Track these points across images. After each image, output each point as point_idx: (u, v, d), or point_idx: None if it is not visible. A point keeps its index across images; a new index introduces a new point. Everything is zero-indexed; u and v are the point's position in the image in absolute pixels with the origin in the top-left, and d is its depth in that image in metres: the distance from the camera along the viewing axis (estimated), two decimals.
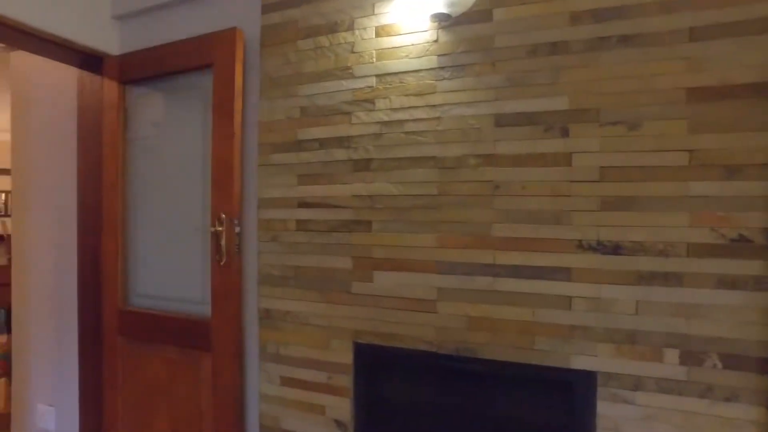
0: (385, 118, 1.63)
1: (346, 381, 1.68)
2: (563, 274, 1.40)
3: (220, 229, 1.80)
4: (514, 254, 1.46)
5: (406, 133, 1.60)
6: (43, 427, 2.42)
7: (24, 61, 2.48)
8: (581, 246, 1.38)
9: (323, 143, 1.73)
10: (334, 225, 1.71)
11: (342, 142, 1.70)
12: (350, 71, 1.68)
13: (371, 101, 1.65)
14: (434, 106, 1.56)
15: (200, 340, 1.86)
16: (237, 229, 1.80)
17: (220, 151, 1.80)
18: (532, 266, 1.44)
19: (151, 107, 2.09)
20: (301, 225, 1.77)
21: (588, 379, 1.38)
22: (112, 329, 2.09)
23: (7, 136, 5.08)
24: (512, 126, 1.46)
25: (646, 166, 1.32)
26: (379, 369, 1.67)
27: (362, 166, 1.67)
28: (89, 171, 2.15)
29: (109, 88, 2.07)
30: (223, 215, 1.79)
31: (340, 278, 1.70)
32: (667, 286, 1.30)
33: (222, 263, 1.80)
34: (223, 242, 1.80)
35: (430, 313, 1.57)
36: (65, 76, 2.30)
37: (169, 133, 2.04)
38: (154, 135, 2.08)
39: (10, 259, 2.96)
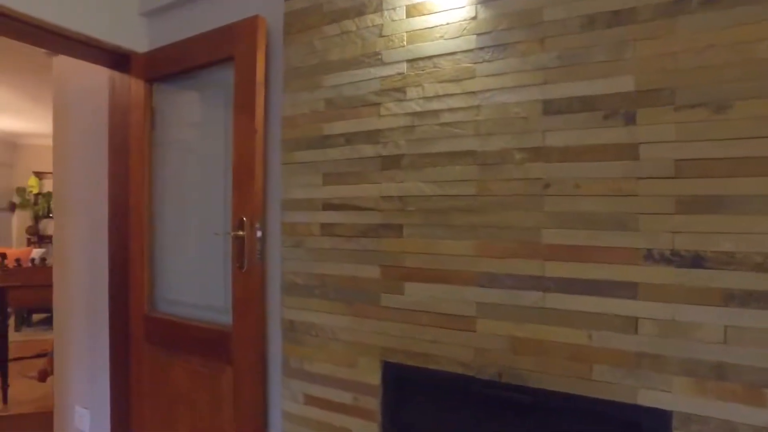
0: (418, 109, 1.44)
1: (373, 404, 1.51)
2: (628, 290, 1.16)
3: (242, 233, 1.67)
4: (567, 265, 1.23)
5: (441, 124, 1.41)
6: (79, 428, 2.41)
7: (65, 65, 2.49)
8: (651, 257, 1.13)
9: (350, 138, 1.56)
10: (362, 229, 1.54)
11: (370, 136, 1.53)
12: (379, 57, 1.51)
13: (402, 90, 1.47)
14: (473, 92, 1.36)
15: (221, 352, 1.74)
16: (259, 234, 1.67)
17: (241, 149, 1.68)
18: (589, 280, 1.20)
19: (176, 106, 2.01)
20: (327, 229, 1.61)
21: (660, 420, 1.12)
22: (138, 335, 2.02)
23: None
24: (564, 113, 1.23)
25: (738, 157, 1.05)
26: (409, 392, 1.48)
27: (392, 163, 1.49)
28: (118, 173, 2.11)
29: (136, 87, 2.01)
30: (245, 218, 1.67)
31: (367, 289, 1.53)
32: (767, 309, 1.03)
33: (243, 270, 1.68)
34: (245, 248, 1.67)
35: (468, 331, 1.36)
36: (101, 78, 2.27)
37: (195, 133, 1.95)
38: (180, 135, 2.00)
39: None
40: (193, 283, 1.95)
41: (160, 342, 1.95)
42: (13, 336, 4.41)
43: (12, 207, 6.64)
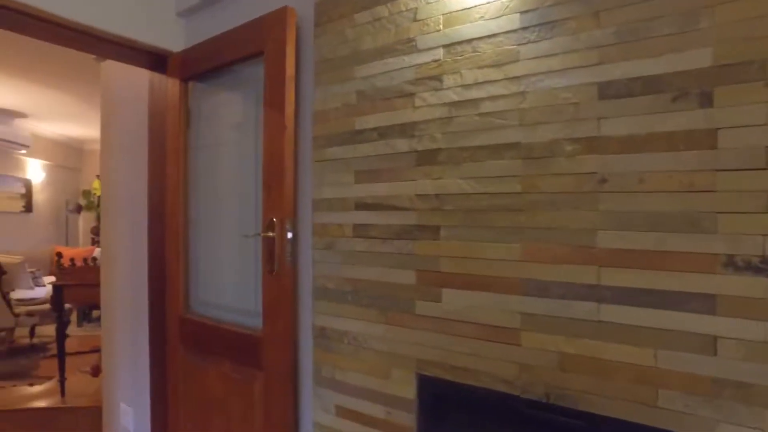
0: (455, 98, 1.31)
1: (408, 419, 1.39)
2: (703, 303, 0.98)
3: (271, 235, 1.60)
4: (627, 273, 1.06)
5: (481, 114, 1.27)
6: (125, 426, 2.45)
7: (111, 70, 2.54)
8: (732, 264, 0.95)
9: (383, 133, 1.45)
10: (396, 231, 1.43)
11: (404, 130, 1.41)
12: (413, 43, 1.39)
13: (438, 78, 1.34)
14: (516, 78, 1.21)
15: (252, 357, 1.68)
16: (289, 235, 1.59)
17: (271, 146, 1.61)
18: (653, 290, 1.03)
19: (211, 105, 1.97)
20: (359, 230, 1.51)
21: None
22: (173, 337, 2.01)
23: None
24: (624, 97, 1.07)
25: None
26: (447, 409, 1.35)
27: (428, 158, 1.36)
28: (157, 174, 2.10)
29: (172, 86, 1.99)
30: (274, 219, 1.60)
31: (402, 295, 1.41)
32: None
33: (273, 273, 1.60)
34: (275, 250, 1.60)
35: (512, 345, 1.22)
36: (144, 82, 2.29)
37: (228, 132, 1.91)
38: (215, 134, 1.96)
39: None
40: (227, 285, 1.91)
41: (194, 345, 1.93)
42: (75, 331, 4.64)
43: (78, 209, 7.03)
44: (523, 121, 1.20)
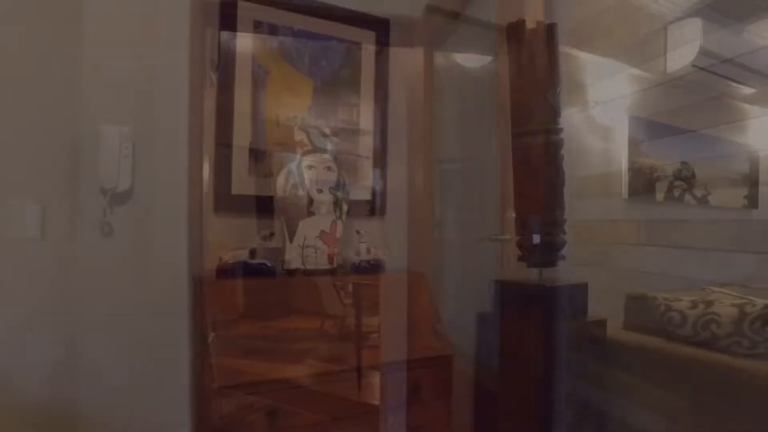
0: None
1: None
2: None
3: (508, 238, 1.04)
4: None
5: None
6: None
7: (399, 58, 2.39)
8: None
9: None
10: None
11: None
12: None
13: None
14: None
15: None
16: (536, 239, 0.99)
17: (515, 85, 1.03)
18: None
19: (461, 71, 1.54)
20: (656, 229, 0.78)
21: None
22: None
23: None
24: None
25: None
26: None
27: None
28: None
29: (416, 58, 1.65)
30: (513, 214, 1.03)
31: None
32: None
33: None
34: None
35: None
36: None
37: (469, 100, 1.44)
38: (461, 108, 1.52)
39: None
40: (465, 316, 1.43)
41: None
42: None
43: None
44: None
